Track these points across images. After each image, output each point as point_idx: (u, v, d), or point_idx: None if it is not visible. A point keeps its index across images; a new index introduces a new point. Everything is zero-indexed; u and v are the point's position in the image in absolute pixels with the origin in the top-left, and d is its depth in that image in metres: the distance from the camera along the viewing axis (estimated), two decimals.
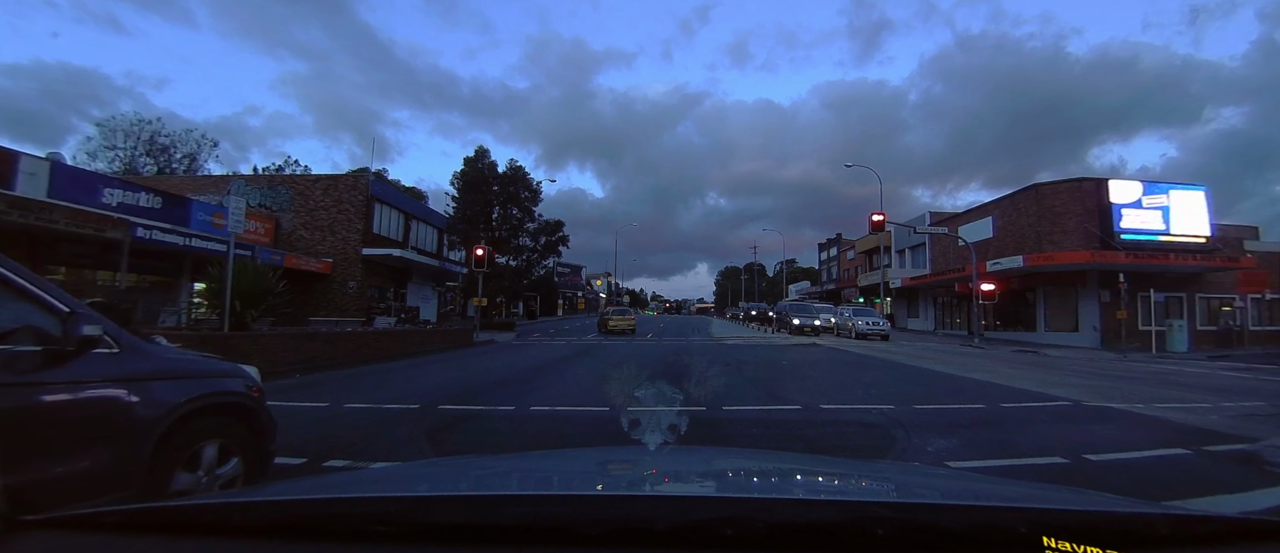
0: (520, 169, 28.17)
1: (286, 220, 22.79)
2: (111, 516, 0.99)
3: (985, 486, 1.82)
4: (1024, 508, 1.09)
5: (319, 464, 4.09)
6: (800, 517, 0.95)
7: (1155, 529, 0.94)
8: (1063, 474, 4.06)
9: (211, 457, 2.48)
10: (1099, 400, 7.63)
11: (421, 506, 1.06)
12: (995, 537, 0.90)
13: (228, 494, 1.49)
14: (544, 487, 1.42)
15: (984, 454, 4.66)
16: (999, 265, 23.63)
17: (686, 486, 1.49)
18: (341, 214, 22.33)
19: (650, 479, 1.53)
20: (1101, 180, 24.46)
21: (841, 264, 53.69)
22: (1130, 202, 23.92)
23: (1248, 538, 0.93)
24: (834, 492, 1.43)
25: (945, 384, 9.50)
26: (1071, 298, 24.00)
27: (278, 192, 23.17)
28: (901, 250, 37.33)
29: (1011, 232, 25.89)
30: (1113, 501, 1.28)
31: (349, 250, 21.99)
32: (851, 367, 12.10)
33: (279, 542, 0.93)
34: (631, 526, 0.92)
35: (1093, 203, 24.03)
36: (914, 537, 0.88)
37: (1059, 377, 10.83)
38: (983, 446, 4.98)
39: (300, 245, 22.38)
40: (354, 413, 6.28)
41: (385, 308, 22.84)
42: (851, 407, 6.92)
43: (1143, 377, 11.22)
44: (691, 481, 1.56)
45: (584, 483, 1.51)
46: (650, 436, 1.82)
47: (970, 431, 5.63)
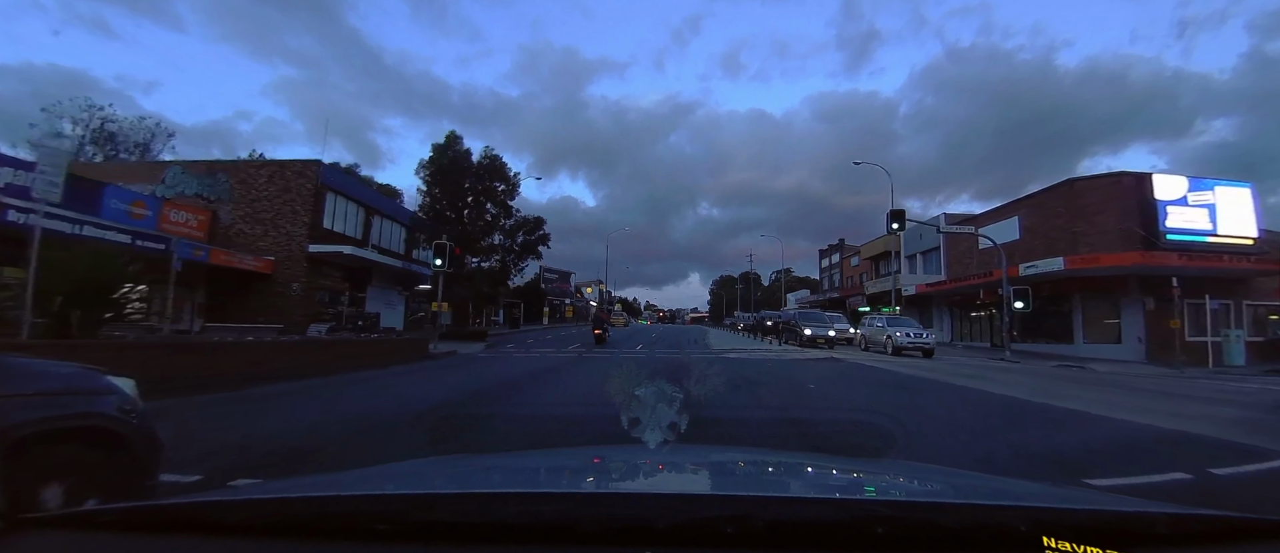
0: (496, 159, 25.11)
1: (225, 212, 19.95)
2: (111, 514, 1.01)
3: (986, 484, 1.81)
4: (1024, 507, 1.10)
5: None
6: (801, 515, 0.94)
7: (1155, 528, 0.93)
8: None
9: (55, 500, 1.82)
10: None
11: (422, 503, 1.05)
12: (996, 536, 0.90)
13: (228, 492, 1.36)
14: (545, 484, 1.44)
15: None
16: (1034, 269, 21.05)
17: (687, 483, 1.52)
18: (287, 206, 19.50)
19: (651, 477, 1.52)
20: (1143, 175, 22.06)
21: (845, 271, 51.02)
22: (1175, 198, 21.51)
23: (1248, 537, 0.93)
24: (835, 490, 1.43)
25: (1037, 419, 6.89)
26: (1112, 305, 21.48)
27: (217, 180, 20.32)
28: (911, 256, 34.76)
29: (1040, 233, 23.39)
30: (1113, 500, 1.28)
31: (293, 247, 19.15)
32: (898, 391, 9.42)
33: (279, 540, 0.92)
34: (632, 524, 0.91)
35: (1133, 200, 21.59)
36: (915, 535, 0.88)
37: (1159, 404, 8.27)
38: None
39: (241, 241, 19.54)
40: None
41: (334, 314, 19.93)
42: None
43: (1248, 401, 8.90)
44: (692, 478, 1.57)
45: (585, 481, 1.52)
46: (650, 434, 1.70)
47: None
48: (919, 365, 15.02)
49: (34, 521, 0.96)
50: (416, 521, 0.94)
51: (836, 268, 53.82)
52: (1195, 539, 0.93)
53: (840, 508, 1.00)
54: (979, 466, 4.32)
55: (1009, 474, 3.98)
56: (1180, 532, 0.93)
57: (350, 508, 1.00)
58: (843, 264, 51.55)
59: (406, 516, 0.95)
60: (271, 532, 0.93)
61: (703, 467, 1.68)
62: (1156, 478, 4.05)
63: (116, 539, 0.93)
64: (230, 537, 0.93)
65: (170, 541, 0.93)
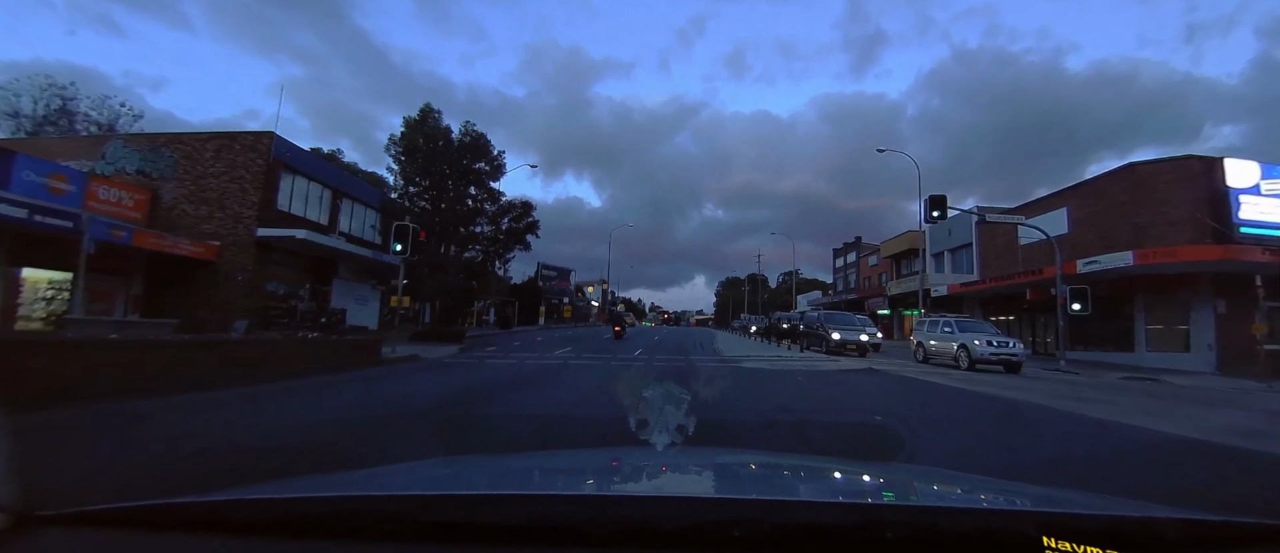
0: (479, 136, 22.09)
1: (168, 191, 17.48)
2: (123, 512, 0.98)
3: (991, 488, 1.79)
4: (1030, 511, 1.10)
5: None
6: (807, 519, 0.95)
7: (1159, 531, 0.93)
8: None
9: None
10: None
11: (429, 504, 1.05)
12: (1002, 539, 0.89)
13: (237, 491, 1.18)
14: (551, 486, 1.44)
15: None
16: (1095, 265, 18.29)
17: (693, 486, 1.54)
18: (234, 183, 16.99)
19: (657, 480, 1.53)
20: (1212, 159, 19.42)
21: (862, 271, 48.08)
22: (1248, 186, 18.94)
23: (1249, 541, 0.93)
24: (841, 494, 1.44)
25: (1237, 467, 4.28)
26: (1179, 308, 18.74)
27: (160, 155, 17.82)
28: (938, 254, 31.97)
29: (1093, 225, 20.66)
30: (1117, 504, 1.27)
31: (241, 230, 16.64)
32: (1007, 424, 6.82)
33: (288, 539, 0.93)
34: (638, 526, 0.91)
35: (1202, 188, 18.95)
36: (921, 539, 0.88)
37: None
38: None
39: (184, 223, 17.08)
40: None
41: (286, 309, 17.37)
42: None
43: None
44: (698, 481, 1.58)
45: (591, 483, 1.52)
46: (657, 436, 1.75)
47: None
48: (1005, 384, 11.41)
49: (43, 518, 0.95)
50: (425, 521, 0.95)
51: (852, 267, 50.91)
52: (1198, 543, 0.92)
53: (846, 512, 1.01)
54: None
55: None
56: (1183, 536, 0.92)
57: (359, 508, 1.01)
58: (860, 263, 48.62)
59: (414, 516, 0.96)
60: (279, 531, 0.94)
61: (709, 470, 1.70)
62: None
63: (126, 536, 0.94)
64: (239, 535, 0.94)
65: (179, 538, 0.94)
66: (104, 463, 3.84)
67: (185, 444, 4.47)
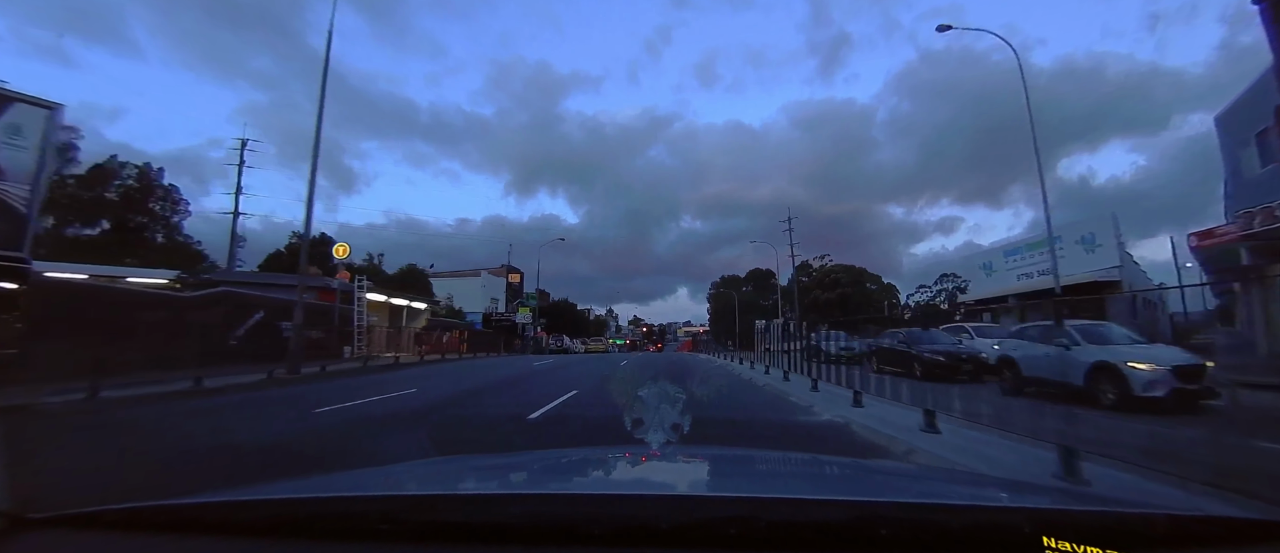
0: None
1: None
2: (116, 514, 0.98)
3: (987, 484, 1.76)
4: (1026, 507, 1.11)
5: None
6: (803, 516, 0.93)
7: (1156, 529, 0.92)
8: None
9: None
10: None
11: (425, 504, 1.05)
12: (998, 536, 0.89)
13: (232, 493, 1.20)
14: (547, 486, 1.42)
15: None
16: None
17: (690, 484, 1.52)
18: None
19: (653, 478, 1.53)
20: None
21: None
22: None
23: (1247, 538, 0.92)
24: (837, 491, 1.40)
25: None
26: None
27: None
28: None
29: None
30: (1114, 501, 1.25)
31: None
32: None
33: (282, 540, 0.92)
34: (635, 525, 0.91)
35: None
36: (918, 536, 0.88)
37: None
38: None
39: None
40: None
41: None
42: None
43: None
44: (694, 479, 1.57)
45: (587, 482, 1.51)
46: (653, 435, 1.78)
47: None
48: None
49: (39, 520, 0.95)
50: (420, 521, 0.95)
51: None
52: (1195, 540, 0.91)
53: (843, 509, 0.98)
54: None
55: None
56: (1181, 533, 0.92)
57: (353, 509, 1.01)
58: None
59: (409, 516, 0.96)
60: (276, 532, 0.94)
61: (706, 467, 1.69)
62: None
63: (122, 538, 0.94)
64: (235, 536, 0.94)
65: (175, 540, 0.94)
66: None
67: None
